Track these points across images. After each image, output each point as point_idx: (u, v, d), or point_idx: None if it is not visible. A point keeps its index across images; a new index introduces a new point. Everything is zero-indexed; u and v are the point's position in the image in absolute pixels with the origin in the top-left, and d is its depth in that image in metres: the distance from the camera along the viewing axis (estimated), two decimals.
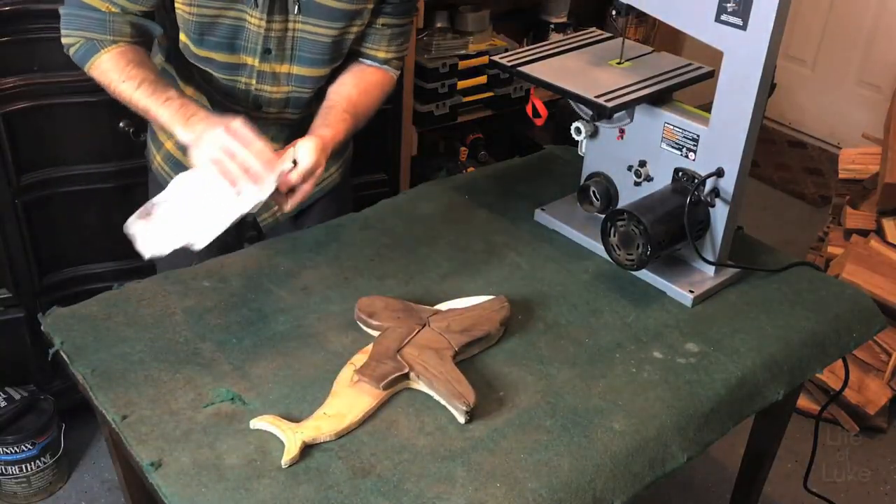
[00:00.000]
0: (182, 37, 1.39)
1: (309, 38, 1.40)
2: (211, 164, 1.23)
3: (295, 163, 1.28)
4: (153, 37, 1.40)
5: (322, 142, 1.31)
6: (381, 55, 1.48)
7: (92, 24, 1.33)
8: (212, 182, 1.25)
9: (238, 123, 1.24)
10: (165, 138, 1.58)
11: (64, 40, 1.37)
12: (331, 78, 1.48)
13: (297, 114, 1.51)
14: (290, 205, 1.29)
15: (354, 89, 1.45)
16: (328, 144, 1.33)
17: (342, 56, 1.46)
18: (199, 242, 1.23)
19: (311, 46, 1.41)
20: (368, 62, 1.49)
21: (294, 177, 1.27)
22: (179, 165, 1.58)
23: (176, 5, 1.34)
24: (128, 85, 1.31)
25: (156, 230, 1.24)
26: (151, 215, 1.26)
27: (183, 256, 1.56)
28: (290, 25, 1.38)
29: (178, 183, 1.28)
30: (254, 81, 1.43)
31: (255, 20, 1.35)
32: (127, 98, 1.33)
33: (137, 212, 1.25)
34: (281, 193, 1.28)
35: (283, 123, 1.51)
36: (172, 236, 1.23)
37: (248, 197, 1.24)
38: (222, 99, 1.46)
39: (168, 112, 1.29)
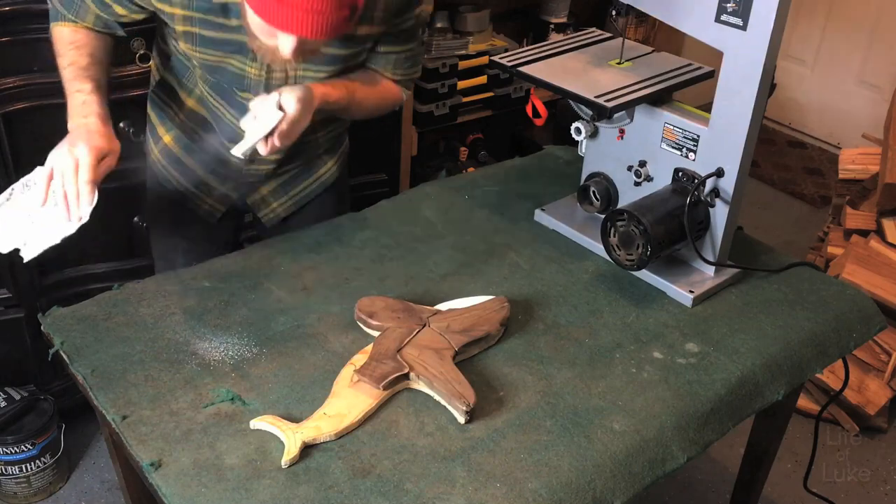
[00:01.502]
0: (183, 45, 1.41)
1: (310, 77, 1.40)
2: (44, 173, 1.30)
3: (282, 110, 1.28)
4: (114, 33, 1.45)
5: (307, 92, 1.31)
6: (389, 75, 1.49)
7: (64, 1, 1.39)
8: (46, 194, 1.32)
9: (83, 151, 1.29)
10: (164, 133, 1.59)
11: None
12: None
13: None
14: (267, 149, 1.31)
15: (358, 79, 1.45)
16: (315, 98, 1.32)
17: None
18: (26, 255, 1.29)
19: (310, 81, 1.42)
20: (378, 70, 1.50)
21: (284, 126, 1.28)
22: (177, 160, 1.59)
23: (181, 48, 1.39)
24: (60, 61, 1.39)
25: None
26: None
27: (182, 257, 1.57)
28: (291, 73, 1.39)
29: (25, 182, 1.36)
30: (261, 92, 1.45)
31: (254, 71, 1.38)
32: (59, 71, 1.40)
33: None
34: (262, 138, 1.30)
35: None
36: (7, 238, 1.30)
37: (58, 227, 1.30)
38: (231, 105, 1.47)
39: (70, 103, 1.36)
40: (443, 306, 1.33)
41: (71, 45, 1.39)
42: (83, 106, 1.34)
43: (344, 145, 1.71)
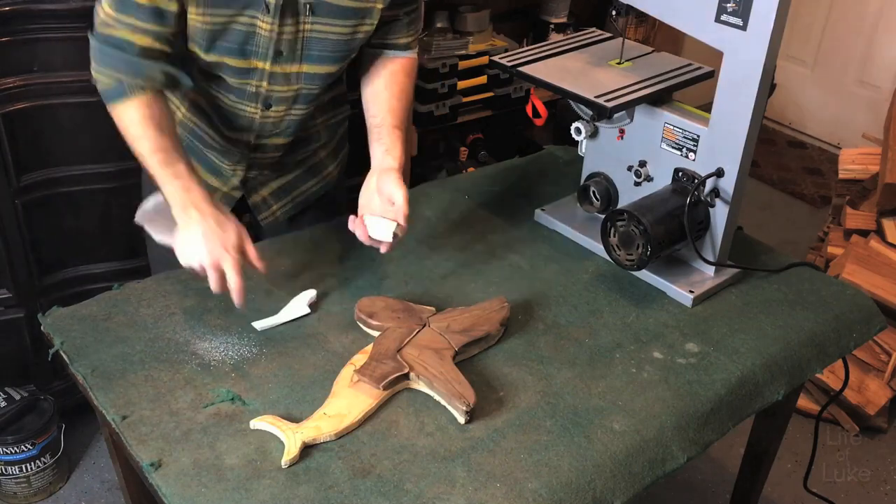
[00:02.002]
0: (191, 45, 1.39)
1: (320, 37, 1.40)
2: (190, 264, 1.26)
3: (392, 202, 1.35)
4: (182, 86, 1.39)
5: (398, 174, 1.39)
6: (403, 41, 1.50)
7: (124, 66, 1.30)
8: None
9: (230, 265, 1.25)
10: None
11: (94, 74, 1.34)
12: (340, 75, 1.49)
13: (305, 109, 1.51)
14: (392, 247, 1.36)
15: (394, 98, 1.46)
16: (401, 172, 1.40)
17: (352, 54, 1.46)
18: None
19: (321, 45, 1.41)
20: (393, 53, 1.50)
21: (402, 222, 1.33)
22: None
23: (189, 14, 1.34)
24: (144, 145, 1.31)
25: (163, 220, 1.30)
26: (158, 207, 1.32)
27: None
28: (302, 27, 1.38)
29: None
30: (265, 84, 1.42)
31: (266, 25, 1.35)
32: (139, 154, 1.33)
33: (146, 205, 1.31)
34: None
35: (290, 119, 1.51)
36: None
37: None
38: (232, 100, 1.46)
39: (170, 189, 1.30)
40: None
41: (149, 124, 1.32)
42: (189, 192, 1.30)
43: (345, 150, 1.71)
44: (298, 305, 1.34)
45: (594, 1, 3.17)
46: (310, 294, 1.36)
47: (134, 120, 1.32)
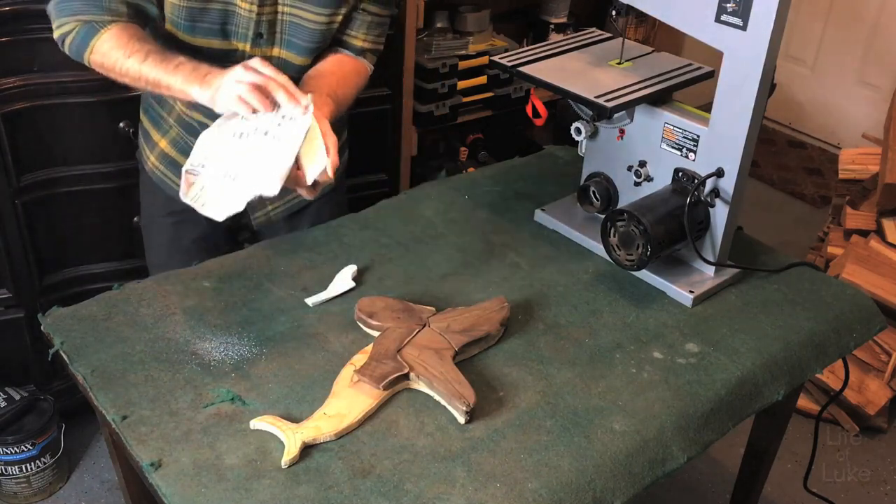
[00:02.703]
0: (169, 27, 1.39)
1: (298, 22, 1.41)
2: (238, 102, 1.22)
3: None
4: (149, 17, 1.37)
5: (334, 137, 1.29)
6: (359, 44, 1.49)
7: (87, 6, 1.30)
8: (245, 125, 1.24)
9: (256, 60, 1.24)
10: (159, 138, 1.58)
11: (58, 31, 1.33)
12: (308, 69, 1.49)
13: None
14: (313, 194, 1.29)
15: (332, 77, 1.45)
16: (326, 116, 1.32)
17: (325, 46, 1.47)
18: (271, 188, 1.19)
19: (300, 32, 1.42)
20: (345, 52, 1.50)
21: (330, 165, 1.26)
22: (175, 165, 1.58)
23: None
24: (134, 59, 1.28)
25: (214, 191, 1.23)
26: (198, 177, 1.24)
27: (181, 258, 1.57)
28: (280, 9, 1.39)
29: (206, 140, 1.26)
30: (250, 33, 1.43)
31: (245, 4, 1.36)
32: (135, 73, 1.29)
33: (182, 183, 1.24)
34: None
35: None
36: (238, 192, 1.21)
37: (297, 121, 1.21)
38: None
39: (181, 76, 1.27)
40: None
41: (130, 41, 1.29)
42: (197, 69, 1.27)
43: (344, 156, 1.71)
44: (343, 280, 1.38)
45: (594, 1, 3.17)
46: (352, 269, 1.41)
47: (113, 45, 1.29)
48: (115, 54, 1.30)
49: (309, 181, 1.25)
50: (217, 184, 1.23)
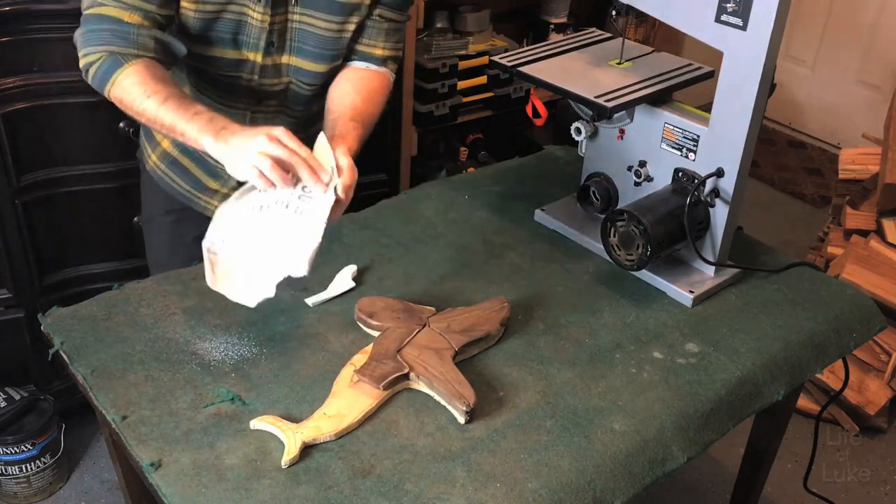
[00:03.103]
0: (183, 38, 1.39)
1: (309, 30, 1.40)
2: (258, 177, 1.17)
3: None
4: (176, 56, 1.36)
5: (343, 144, 1.28)
6: (379, 52, 1.47)
7: (114, 38, 1.28)
8: (265, 198, 1.20)
9: (280, 130, 1.19)
10: (161, 137, 1.58)
11: (83, 60, 1.30)
12: (329, 80, 1.47)
13: (297, 110, 1.51)
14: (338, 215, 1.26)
15: (357, 97, 1.42)
16: (350, 150, 1.30)
17: (341, 53, 1.46)
18: (300, 270, 1.17)
19: (310, 39, 1.41)
20: (366, 64, 1.48)
21: (342, 185, 1.25)
22: (177, 164, 1.58)
23: (181, 4, 1.34)
24: (153, 101, 1.25)
25: (241, 273, 1.20)
26: (220, 257, 1.21)
27: (181, 258, 1.57)
28: (290, 17, 1.39)
29: (224, 214, 1.23)
30: (256, 76, 1.43)
31: (256, 14, 1.35)
32: (151, 115, 1.26)
33: (205, 263, 1.22)
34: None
35: (282, 119, 1.51)
36: (267, 275, 1.18)
37: (322, 198, 1.18)
38: (222, 96, 1.46)
39: (197, 126, 1.23)
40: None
41: (152, 80, 1.26)
42: (214, 121, 1.23)
43: None
44: (343, 280, 1.38)
45: (594, 1, 3.17)
46: (352, 269, 1.41)
47: (135, 82, 1.26)
48: (136, 91, 1.27)
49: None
50: (243, 267, 1.20)
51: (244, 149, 1.18)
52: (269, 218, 1.21)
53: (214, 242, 1.22)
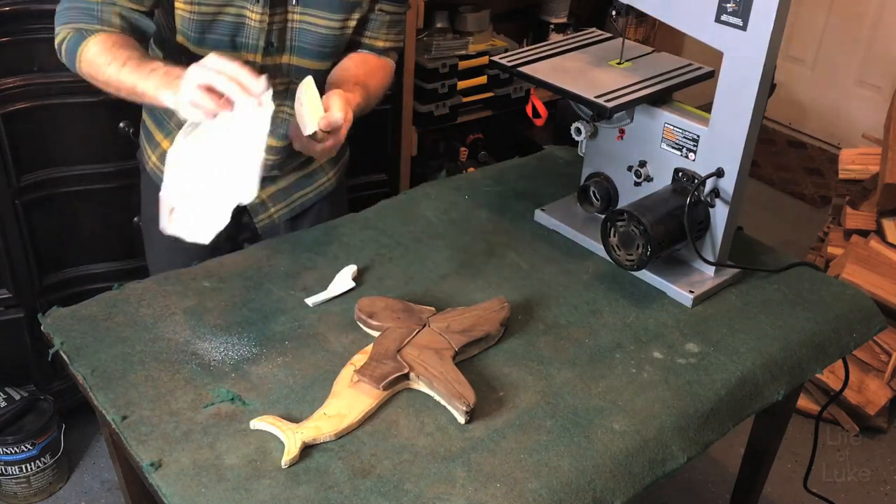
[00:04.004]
0: (180, 38, 1.39)
1: (309, 28, 1.40)
2: (193, 109, 1.15)
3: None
4: (145, 34, 1.36)
5: (346, 97, 1.27)
6: (381, 44, 1.49)
7: (80, 15, 1.30)
8: (208, 133, 1.17)
9: (208, 57, 1.15)
10: (162, 138, 1.58)
11: (56, 39, 1.33)
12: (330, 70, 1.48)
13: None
14: (321, 153, 1.25)
15: (360, 69, 1.45)
16: (351, 102, 1.29)
17: (341, 51, 1.47)
18: (247, 195, 1.14)
19: (311, 38, 1.41)
20: (368, 52, 1.50)
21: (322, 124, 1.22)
22: None
23: (176, 4, 1.34)
24: (114, 67, 1.25)
25: (194, 213, 1.18)
26: (177, 205, 1.19)
27: (181, 258, 1.57)
28: (290, 17, 1.38)
29: (173, 161, 1.21)
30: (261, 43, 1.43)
31: (256, 15, 1.35)
32: (115, 81, 1.26)
33: (161, 213, 1.20)
34: (312, 141, 1.24)
35: (282, 119, 1.51)
36: (217, 207, 1.16)
37: (256, 114, 1.14)
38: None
39: (154, 81, 1.22)
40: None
41: (113, 47, 1.27)
42: (169, 73, 1.21)
43: (345, 156, 1.71)
44: (343, 280, 1.38)
45: (594, 1, 3.17)
46: (352, 269, 1.41)
47: (98, 52, 1.27)
48: (99, 61, 1.27)
49: (307, 132, 1.22)
50: (194, 206, 1.18)
51: (183, 90, 1.16)
52: (213, 146, 1.18)
53: (167, 188, 1.20)
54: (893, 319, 2.27)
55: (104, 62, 1.27)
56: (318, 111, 1.24)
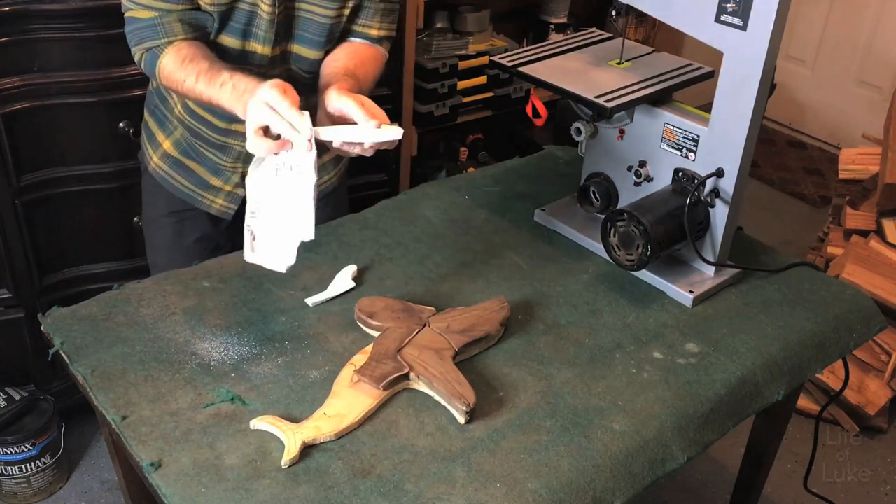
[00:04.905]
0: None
1: (309, 17, 1.42)
2: (256, 151, 1.21)
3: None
4: (206, 29, 1.40)
5: (342, 89, 1.29)
6: (374, 32, 1.50)
7: (145, 33, 1.35)
8: (278, 161, 1.22)
9: (265, 90, 1.19)
10: (164, 138, 1.59)
11: (136, 59, 1.39)
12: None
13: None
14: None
15: (350, 61, 1.45)
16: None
17: (336, 39, 1.48)
18: (308, 234, 1.21)
19: (311, 27, 1.43)
20: (360, 41, 1.50)
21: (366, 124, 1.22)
22: (179, 164, 1.59)
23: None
24: (189, 83, 1.32)
25: (268, 242, 1.24)
26: (255, 236, 1.26)
27: (181, 258, 1.57)
28: (295, 5, 1.41)
29: (253, 183, 1.26)
30: (264, 67, 1.44)
31: (267, 7, 1.37)
32: (195, 96, 1.33)
33: (245, 241, 1.26)
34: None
35: None
36: (286, 241, 1.22)
37: (306, 157, 1.18)
38: None
39: (225, 97, 1.28)
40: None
41: (184, 63, 1.32)
42: (236, 89, 1.27)
43: (345, 158, 1.71)
44: (343, 280, 1.39)
45: (594, 1, 3.17)
46: (352, 269, 1.41)
47: (172, 70, 1.34)
48: (176, 78, 1.34)
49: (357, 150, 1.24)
50: (268, 236, 1.24)
51: (247, 124, 1.21)
52: (282, 181, 1.23)
53: (253, 213, 1.26)
54: (893, 319, 2.27)
55: (180, 79, 1.33)
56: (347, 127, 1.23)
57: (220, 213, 1.62)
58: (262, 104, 1.19)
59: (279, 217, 1.23)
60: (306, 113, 1.19)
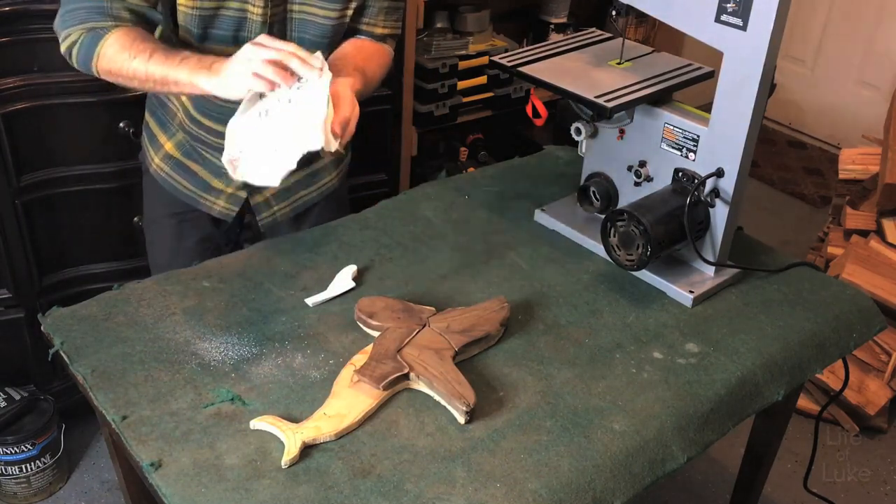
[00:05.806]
0: (183, 34, 1.39)
1: (309, 19, 1.41)
2: (254, 79, 1.21)
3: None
4: (156, 25, 1.38)
5: (348, 82, 1.30)
6: (379, 31, 1.50)
7: (90, 14, 1.31)
8: (267, 103, 1.24)
9: (261, 36, 1.24)
10: (165, 140, 1.58)
11: (64, 44, 1.34)
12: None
13: None
14: (342, 144, 1.27)
15: (358, 55, 1.45)
16: (352, 87, 1.31)
17: (339, 39, 1.47)
18: (315, 141, 1.21)
19: (311, 28, 1.42)
20: (364, 38, 1.51)
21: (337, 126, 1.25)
22: (180, 166, 1.58)
23: (178, 1, 1.34)
24: (139, 59, 1.28)
25: (259, 160, 1.24)
26: (239, 156, 1.25)
27: (181, 258, 1.57)
28: (290, 8, 1.39)
29: (234, 129, 1.26)
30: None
31: (257, 9, 1.36)
32: (142, 74, 1.29)
33: (227, 167, 1.26)
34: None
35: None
36: (285, 154, 1.22)
37: (316, 82, 1.22)
38: None
39: (187, 68, 1.26)
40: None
41: (134, 42, 1.29)
42: (203, 59, 1.27)
43: (346, 158, 1.71)
44: (343, 280, 1.39)
45: (594, 1, 3.17)
46: (352, 269, 1.41)
47: (117, 49, 1.29)
48: (121, 57, 1.29)
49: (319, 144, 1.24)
50: (258, 154, 1.25)
51: (238, 66, 1.22)
52: (275, 117, 1.24)
53: (233, 155, 1.26)
54: (893, 319, 2.27)
55: (127, 57, 1.29)
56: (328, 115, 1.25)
57: (222, 215, 1.62)
58: (263, 45, 1.20)
59: (273, 139, 1.24)
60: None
